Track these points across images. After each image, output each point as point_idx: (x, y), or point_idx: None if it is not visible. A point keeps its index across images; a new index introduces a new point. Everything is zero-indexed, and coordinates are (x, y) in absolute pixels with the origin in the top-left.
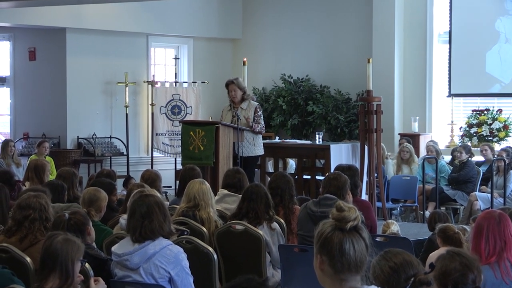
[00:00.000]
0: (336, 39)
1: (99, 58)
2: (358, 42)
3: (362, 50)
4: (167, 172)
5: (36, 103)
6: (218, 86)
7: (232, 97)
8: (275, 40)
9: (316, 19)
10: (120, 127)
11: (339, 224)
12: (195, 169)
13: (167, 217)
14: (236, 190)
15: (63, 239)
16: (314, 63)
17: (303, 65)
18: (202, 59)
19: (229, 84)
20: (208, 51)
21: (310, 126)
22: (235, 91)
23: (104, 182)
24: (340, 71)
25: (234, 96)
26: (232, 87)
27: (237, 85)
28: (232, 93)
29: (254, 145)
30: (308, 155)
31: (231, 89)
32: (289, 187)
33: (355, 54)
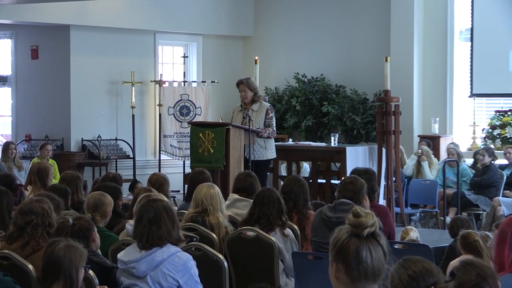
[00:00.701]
0: (352, 36)
1: (105, 56)
2: (375, 39)
3: (380, 48)
4: (175, 176)
5: (39, 104)
6: (228, 85)
7: (242, 98)
8: (288, 37)
9: (331, 15)
10: (126, 129)
11: (356, 231)
12: (204, 173)
13: (176, 223)
14: (247, 194)
15: (65, 245)
16: (329, 62)
17: (317, 63)
18: (212, 57)
19: (239, 84)
20: (218, 49)
21: (325, 128)
22: (245, 92)
23: (109, 186)
24: (356, 70)
25: (244, 96)
26: (242, 87)
27: (246, 85)
28: (242, 94)
29: (265, 149)
30: (323, 158)
31: (241, 89)
32: (303, 191)
33: (372, 52)
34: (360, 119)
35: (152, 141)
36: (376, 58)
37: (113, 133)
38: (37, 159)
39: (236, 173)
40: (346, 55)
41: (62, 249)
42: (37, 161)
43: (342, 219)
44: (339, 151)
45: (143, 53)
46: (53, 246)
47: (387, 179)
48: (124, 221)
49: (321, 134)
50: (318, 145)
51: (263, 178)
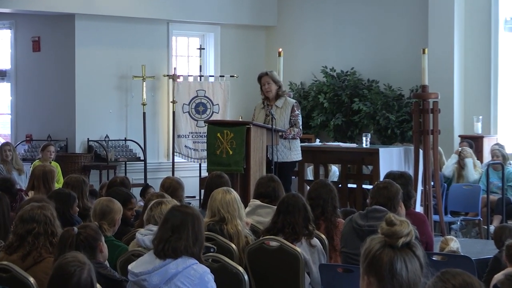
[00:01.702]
0: (386, 26)
1: (113, 48)
2: (411, 29)
3: (416, 39)
4: (191, 180)
5: (41, 101)
6: (249, 80)
7: (265, 91)
8: (315, 27)
9: (363, 4)
10: (136, 128)
11: (390, 241)
12: (222, 177)
13: (199, 240)
14: (270, 200)
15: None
16: (361, 54)
17: (348, 56)
18: (231, 49)
19: (262, 76)
20: (237, 41)
21: (355, 127)
22: (269, 84)
23: (118, 192)
24: (390, 63)
25: (268, 89)
26: (266, 79)
27: (271, 78)
28: (266, 86)
29: (290, 149)
30: (353, 160)
31: (264, 81)
32: (332, 197)
33: (408, 44)
34: (395, 117)
35: (165, 141)
36: (412, 50)
37: (122, 133)
38: (38, 161)
39: (257, 177)
40: (379, 47)
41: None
42: (39, 164)
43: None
44: (372, 152)
45: (155, 45)
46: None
47: (424, 183)
48: (134, 230)
49: (351, 134)
50: (348, 146)
51: (288, 183)
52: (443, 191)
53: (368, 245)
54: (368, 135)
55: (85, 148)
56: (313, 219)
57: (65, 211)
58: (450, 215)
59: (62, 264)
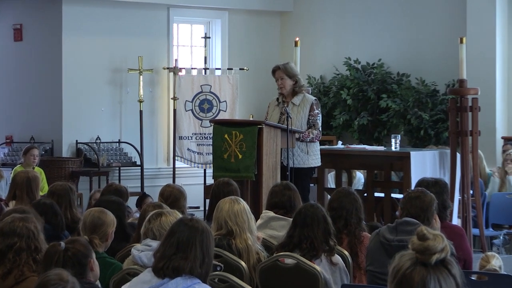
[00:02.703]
0: (419, 12)
1: (105, 37)
2: (447, 15)
3: (453, 27)
4: (194, 188)
5: (23, 97)
6: (261, 74)
7: (279, 87)
8: (337, 13)
9: None
10: (132, 129)
11: (422, 257)
12: (230, 184)
13: (207, 262)
14: (285, 211)
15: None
16: (389, 44)
17: (374, 46)
18: (240, 38)
19: (275, 70)
20: (248, 28)
21: (383, 127)
22: (282, 79)
23: (111, 201)
24: (423, 54)
25: (282, 86)
26: (279, 74)
27: (284, 72)
28: (279, 82)
29: (307, 153)
30: (381, 165)
31: (277, 76)
32: (356, 208)
33: (444, 32)
34: (429, 116)
35: (165, 144)
36: (448, 39)
37: (116, 134)
38: (20, 166)
39: (270, 185)
40: (410, 35)
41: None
42: (21, 170)
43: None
44: (402, 156)
45: (154, 33)
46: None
47: (462, 192)
48: (129, 245)
49: (378, 135)
50: (375, 149)
51: (305, 191)
52: (484, 201)
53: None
54: (397, 137)
55: (73, 152)
56: (335, 233)
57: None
58: (492, 228)
59: (42, 283)
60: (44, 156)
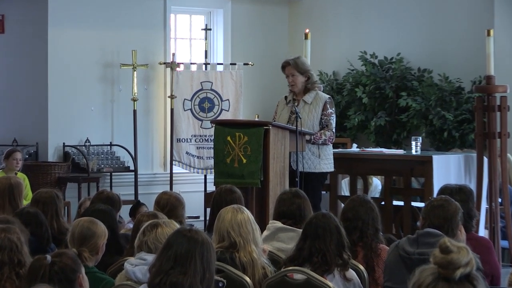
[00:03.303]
0: (442, 2)
1: (95, 29)
2: (473, 6)
3: (480, 18)
4: (194, 195)
5: (4, 96)
6: (267, 69)
7: (290, 85)
8: (352, 3)
9: None
10: (125, 130)
11: (445, 272)
12: (233, 192)
13: (208, 277)
14: (294, 222)
15: None
16: (409, 36)
17: (393, 39)
18: (245, 30)
19: (285, 66)
20: (253, 19)
21: (403, 129)
22: (293, 76)
23: (102, 210)
24: (447, 48)
25: (293, 83)
26: (289, 70)
27: (295, 67)
28: (289, 79)
29: (319, 157)
30: (400, 171)
31: (287, 72)
32: (373, 217)
33: (470, 24)
34: (453, 116)
35: (161, 147)
36: (474, 32)
37: (107, 136)
38: (1, 172)
39: (278, 192)
40: (432, 27)
41: None
42: (2, 176)
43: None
44: (423, 161)
45: (149, 25)
46: None
47: (490, 200)
48: (122, 259)
49: (397, 138)
50: (393, 152)
51: (316, 199)
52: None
53: (417, 278)
54: (419, 139)
55: (60, 156)
56: (349, 245)
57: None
58: None
59: None
60: (27, 160)
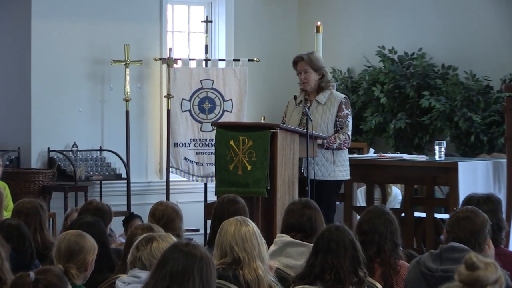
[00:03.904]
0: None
1: (84, 22)
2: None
3: (510, 10)
4: (193, 206)
5: None
6: (275, 66)
7: (301, 82)
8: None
9: None
10: (116, 134)
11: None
12: (237, 202)
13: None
14: (304, 235)
15: None
16: (433, 30)
17: (414, 32)
18: (250, 22)
19: (297, 61)
20: (259, 10)
21: (425, 132)
22: (306, 73)
23: (91, 223)
24: (474, 43)
25: (305, 80)
26: (302, 66)
27: (308, 63)
28: (302, 76)
29: (334, 163)
30: (422, 179)
31: (300, 69)
32: (392, 231)
33: (499, 16)
34: (480, 118)
35: (157, 152)
36: (505, 24)
37: (97, 141)
38: None
39: (286, 203)
40: (458, 20)
41: None
42: None
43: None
44: (448, 168)
45: (143, 17)
46: None
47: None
48: (113, 276)
49: (419, 142)
50: (414, 158)
51: (330, 210)
52: None
53: None
54: (442, 143)
55: (44, 162)
56: (365, 261)
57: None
58: None
59: None
60: (8, 167)
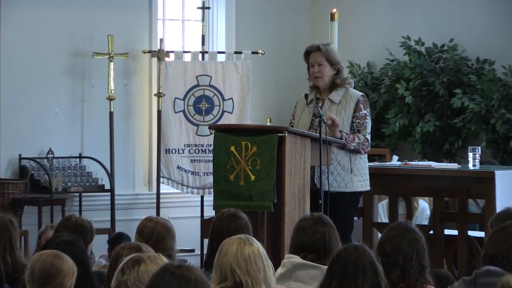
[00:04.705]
0: None
1: (61, 9)
2: None
3: None
4: (187, 223)
5: None
6: (283, 60)
7: (314, 76)
8: None
9: None
10: (98, 138)
11: None
12: (239, 218)
13: None
14: (317, 256)
15: None
16: (466, 19)
17: (444, 21)
18: (253, 10)
19: (312, 52)
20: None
21: (457, 136)
22: (320, 66)
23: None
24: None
25: (319, 74)
26: (316, 57)
27: (325, 55)
28: (315, 69)
29: (351, 172)
30: (453, 190)
31: (313, 60)
32: (418, 251)
33: None
34: None
35: (146, 160)
36: None
37: (76, 147)
38: None
39: (296, 219)
40: (495, 7)
41: None
42: None
43: None
44: (483, 177)
45: (130, 3)
46: None
47: None
48: None
49: (450, 148)
50: (445, 167)
51: (347, 227)
52: None
53: None
54: (477, 150)
55: (15, 171)
56: (388, 286)
57: None
58: None
59: None
60: None
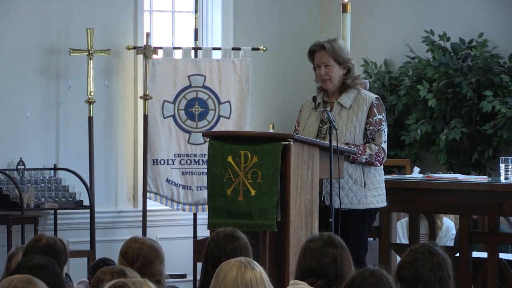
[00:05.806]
0: None
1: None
2: None
3: None
4: (178, 244)
5: None
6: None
7: (321, 78)
8: None
9: None
10: (76, 147)
11: None
12: (237, 238)
13: None
14: (327, 282)
15: None
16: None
17: (473, 13)
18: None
19: (316, 51)
20: None
21: (487, 145)
22: (327, 66)
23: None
24: None
25: (326, 76)
26: (322, 56)
27: (331, 54)
28: (321, 70)
29: (365, 186)
30: (483, 207)
31: (319, 61)
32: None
33: None
34: None
35: (130, 172)
36: None
37: (50, 157)
38: None
39: (303, 239)
40: None
41: None
42: None
43: None
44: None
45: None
46: None
47: None
48: None
49: (479, 158)
50: (473, 180)
51: (360, 249)
52: None
53: None
54: (510, 160)
55: None
56: None
57: None
58: None
59: None
60: None
